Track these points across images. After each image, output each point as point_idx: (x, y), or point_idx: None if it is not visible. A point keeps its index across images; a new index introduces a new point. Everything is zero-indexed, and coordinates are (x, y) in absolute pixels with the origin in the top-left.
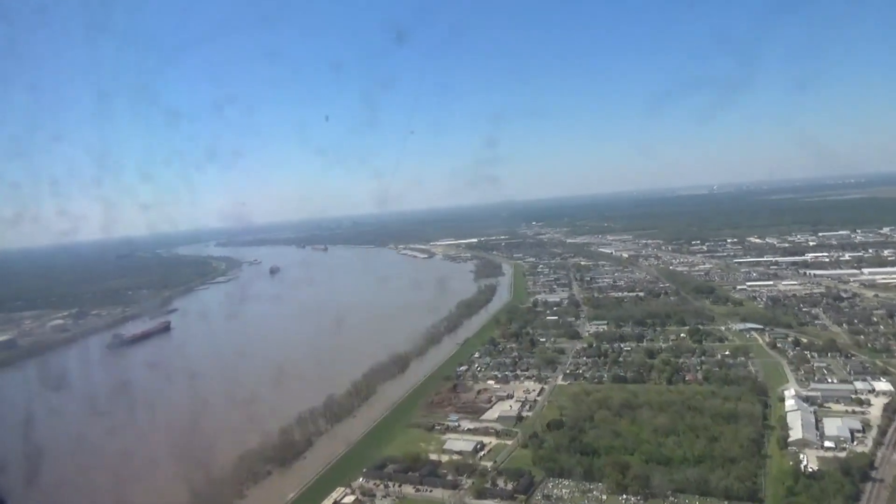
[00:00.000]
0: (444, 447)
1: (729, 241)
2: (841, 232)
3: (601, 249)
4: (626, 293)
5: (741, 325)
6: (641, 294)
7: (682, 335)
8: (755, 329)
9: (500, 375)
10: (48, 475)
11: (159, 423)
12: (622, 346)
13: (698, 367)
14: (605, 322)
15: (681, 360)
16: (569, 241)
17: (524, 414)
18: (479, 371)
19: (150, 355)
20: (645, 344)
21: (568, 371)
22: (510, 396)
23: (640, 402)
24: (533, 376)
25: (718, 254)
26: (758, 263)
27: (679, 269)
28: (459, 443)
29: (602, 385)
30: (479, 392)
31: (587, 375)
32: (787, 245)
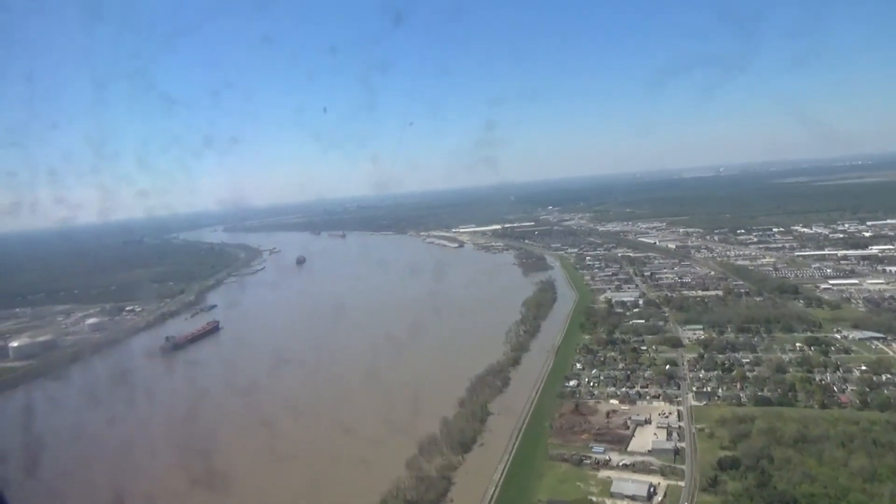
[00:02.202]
0: (613, 490)
1: (775, 230)
2: (890, 220)
3: (641, 239)
4: (699, 291)
5: (859, 334)
6: (720, 293)
7: (797, 345)
8: (876, 338)
9: (618, 392)
10: None
11: (279, 449)
12: (736, 356)
13: (844, 387)
14: (700, 327)
15: (818, 377)
16: (600, 228)
17: (678, 445)
18: (593, 387)
19: (211, 361)
20: (759, 354)
21: (695, 389)
22: (648, 422)
23: (813, 433)
24: (659, 395)
25: (771, 245)
26: (823, 258)
27: (739, 262)
28: (628, 485)
29: (744, 407)
30: (608, 414)
31: (720, 394)
32: (840, 235)
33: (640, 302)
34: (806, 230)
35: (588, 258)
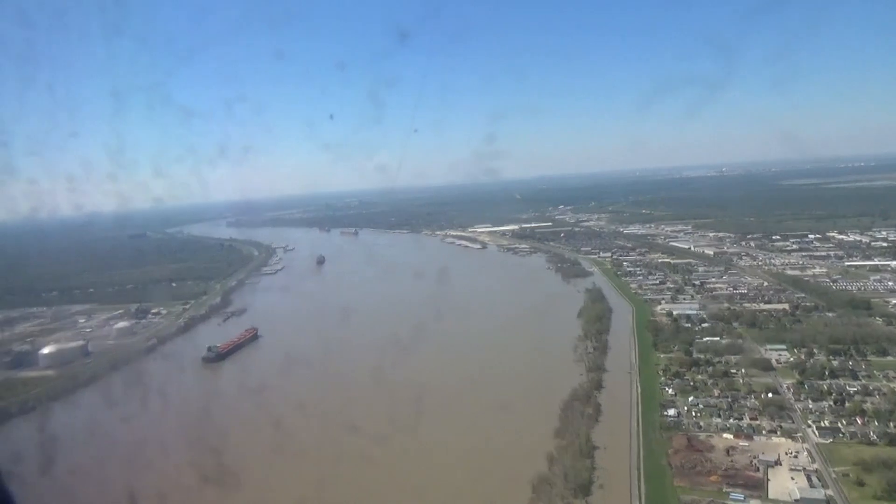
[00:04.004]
0: None
1: (812, 236)
2: None
3: (673, 244)
4: (761, 305)
5: None
6: (786, 307)
7: None
8: None
9: (726, 424)
10: None
11: (380, 480)
12: (838, 383)
13: None
14: (783, 347)
15: None
16: (623, 231)
17: (828, 493)
18: (697, 417)
19: (261, 374)
20: (864, 381)
21: (811, 422)
22: (778, 463)
23: None
24: (775, 429)
25: (815, 253)
26: (877, 268)
27: (790, 272)
28: None
29: (875, 447)
30: (728, 452)
31: (845, 431)
32: (883, 244)
33: (703, 315)
34: (844, 237)
35: (626, 263)
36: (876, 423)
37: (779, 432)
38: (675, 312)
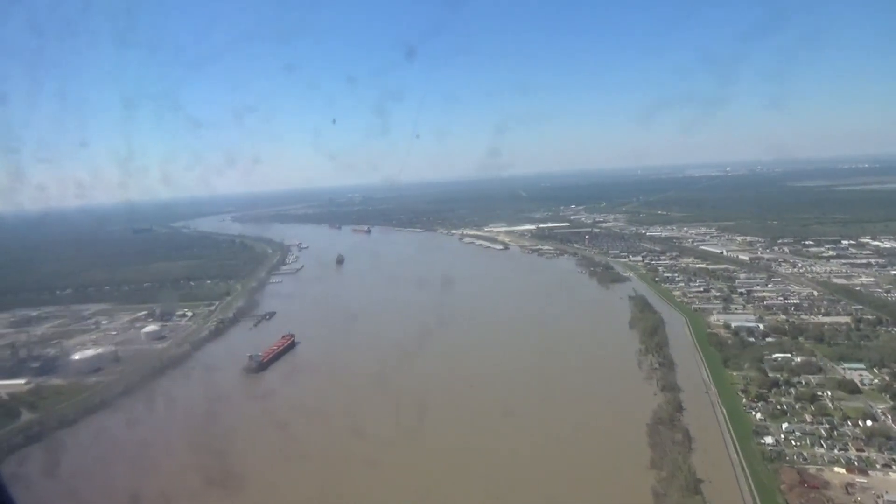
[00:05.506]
0: None
1: (845, 242)
2: None
3: (703, 248)
4: (819, 317)
5: None
6: (847, 321)
7: None
8: None
9: (833, 455)
10: None
11: None
12: None
13: None
14: (862, 366)
15: None
16: (646, 233)
17: None
18: (797, 446)
19: (307, 385)
20: None
21: None
22: None
23: None
24: (889, 462)
25: (855, 261)
26: None
27: (836, 281)
28: None
29: None
30: (846, 489)
31: None
32: None
33: (762, 327)
34: (879, 244)
35: (661, 268)
36: None
37: (894, 466)
38: (732, 325)
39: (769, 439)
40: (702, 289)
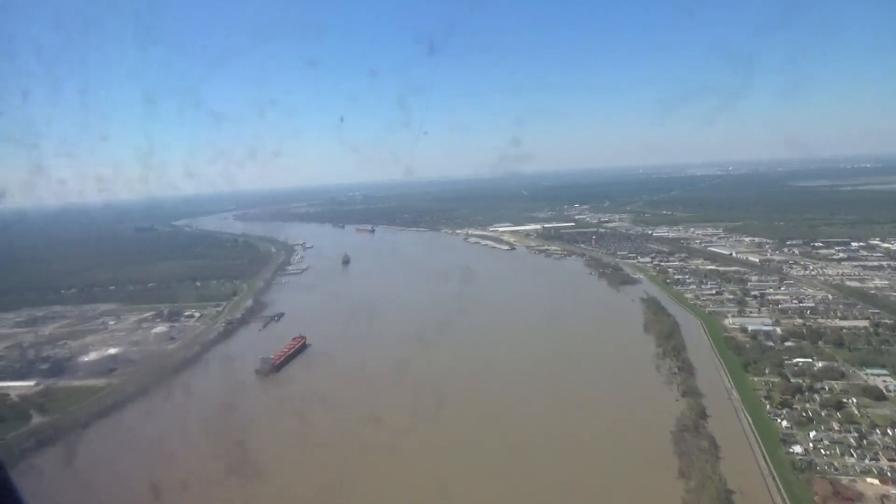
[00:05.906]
0: None
1: (855, 244)
2: None
3: (712, 249)
4: (836, 321)
5: None
6: (866, 325)
7: None
8: None
9: (864, 465)
10: None
11: None
12: None
13: None
14: (885, 372)
15: None
16: (653, 233)
17: None
18: (827, 455)
19: (323, 388)
20: None
21: None
22: None
23: None
24: None
25: (866, 262)
26: None
27: (850, 284)
28: None
29: None
30: (883, 501)
31: None
32: None
33: (780, 331)
34: (890, 246)
35: (671, 270)
36: None
37: None
38: (749, 328)
39: (798, 448)
40: (714, 291)
